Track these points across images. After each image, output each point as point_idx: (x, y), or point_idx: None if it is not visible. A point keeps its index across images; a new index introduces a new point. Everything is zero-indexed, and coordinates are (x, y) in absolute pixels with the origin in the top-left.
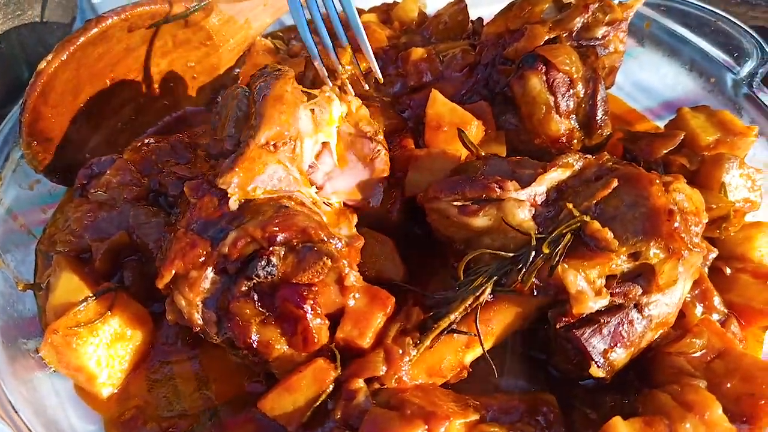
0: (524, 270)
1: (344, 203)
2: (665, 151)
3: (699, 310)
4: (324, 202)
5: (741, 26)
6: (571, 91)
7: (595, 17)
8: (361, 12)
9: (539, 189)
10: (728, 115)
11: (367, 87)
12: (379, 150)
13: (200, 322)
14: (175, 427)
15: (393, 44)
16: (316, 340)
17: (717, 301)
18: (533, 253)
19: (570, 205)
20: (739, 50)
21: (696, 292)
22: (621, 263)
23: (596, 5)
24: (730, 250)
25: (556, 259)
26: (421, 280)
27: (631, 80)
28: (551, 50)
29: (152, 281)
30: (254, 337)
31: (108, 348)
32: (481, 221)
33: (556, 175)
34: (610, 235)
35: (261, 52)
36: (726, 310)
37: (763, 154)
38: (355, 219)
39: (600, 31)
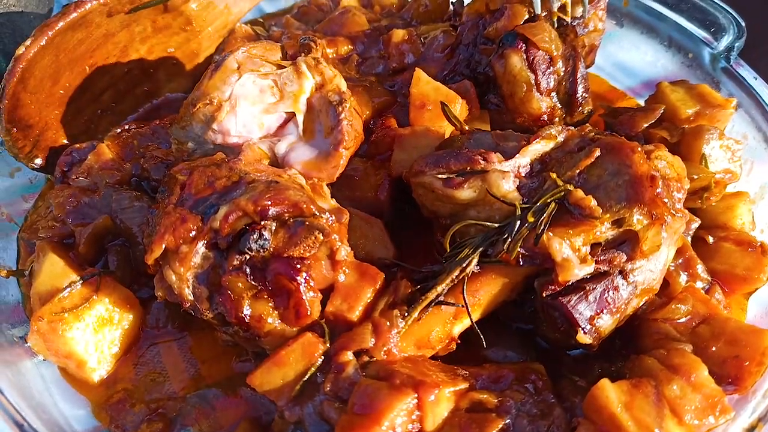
0: (510, 240)
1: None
2: (646, 125)
3: (683, 278)
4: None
5: (717, 2)
6: (552, 68)
7: None
8: None
9: (523, 160)
10: (707, 89)
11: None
12: (340, 120)
13: (191, 297)
14: (164, 409)
15: (374, 27)
16: (308, 313)
17: (701, 269)
18: (518, 222)
19: (553, 175)
20: (715, 25)
21: (680, 261)
22: (605, 230)
23: None
24: (712, 219)
25: (541, 228)
26: (412, 258)
27: (612, 61)
28: (531, 28)
29: (137, 265)
30: (246, 311)
31: (95, 333)
32: (466, 193)
33: (539, 147)
34: (593, 202)
35: (240, 39)
36: (710, 278)
37: (742, 125)
38: (328, 191)
39: (579, 10)
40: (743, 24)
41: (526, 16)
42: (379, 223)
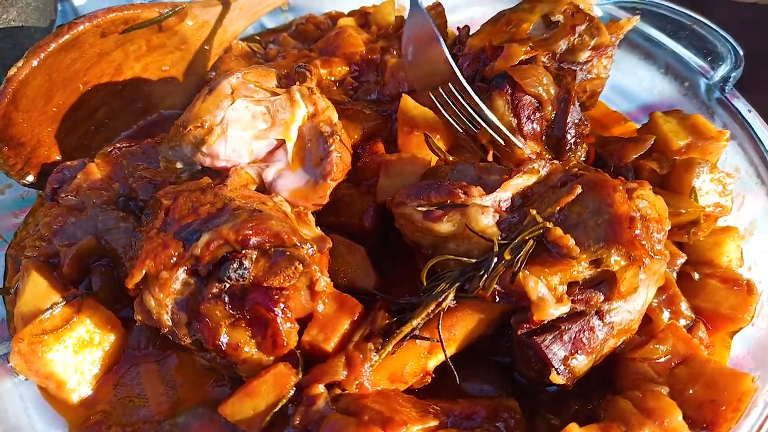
0: (486, 276)
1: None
2: (635, 156)
3: (666, 315)
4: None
5: (716, 30)
6: (537, 114)
7: (581, 40)
8: (339, 15)
9: (504, 195)
10: (701, 120)
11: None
12: (330, 151)
13: (169, 323)
14: None
15: (370, 48)
16: (285, 344)
17: (684, 306)
18: (495, 259)
19: (533, 212)
20: (713, 54)
21: (663, 297)
22: (583, 270)
23: (584, 27)
24: (699, 255)
25: (518, 265)
26: (397, 285)
27: (610, 83)
28: (521, 71)
29: (121, 286)
30: (223, 339)
31: (75, 354)
32: (445, 227)
33: (521, 182)
34: (571, 242)
35: (236, 57)
36: (693, 315)
37: (735, 158)
38: (312, 219)
39: (584, 56)
40: (741, 53)
41: (523, 57)
42: (362, 250)
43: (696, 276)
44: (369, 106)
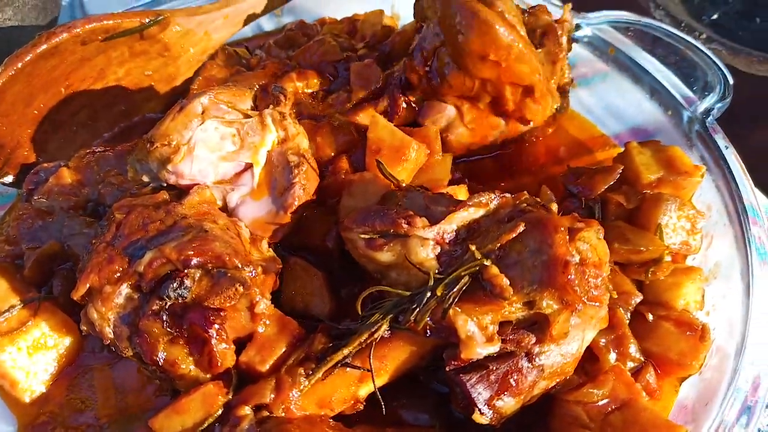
0: (418, 310)
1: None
2: (605, 187)
3: (613, 356)
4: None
5: (709, 56)
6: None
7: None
8: (332, 22)
9: (448, 227)
10: (677, 152)
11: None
12: (293, 183)
13: (111, 335)
14: None
15: (347, 57)
16: (219, 364)
17: (633, 348)
18: (429, 293)
19: (473, 247)
20: (702, 82)
21: (612, 337)
22: (515, 311)
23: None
24: (656, 295)
25: (449, 301)
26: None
27: (603, 104)
28: None
29: None
30: (161, 355)
31: (30, 356)
32: (385, 256)
33: (466, 215)
34: (505, 282)
35: (217, 65)
36: (642, 358)
37: (709, 194)
38: (265, 243)
39: None
40: (731, 83)
41: None
42: (321, 276)
43: (650, 317)
44: (344, 118)
